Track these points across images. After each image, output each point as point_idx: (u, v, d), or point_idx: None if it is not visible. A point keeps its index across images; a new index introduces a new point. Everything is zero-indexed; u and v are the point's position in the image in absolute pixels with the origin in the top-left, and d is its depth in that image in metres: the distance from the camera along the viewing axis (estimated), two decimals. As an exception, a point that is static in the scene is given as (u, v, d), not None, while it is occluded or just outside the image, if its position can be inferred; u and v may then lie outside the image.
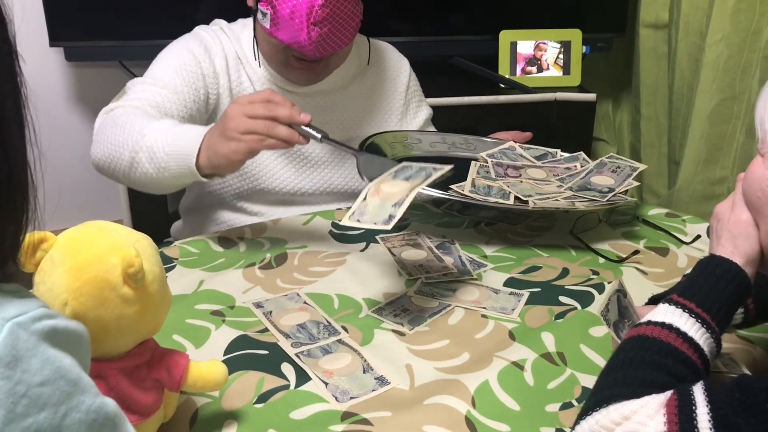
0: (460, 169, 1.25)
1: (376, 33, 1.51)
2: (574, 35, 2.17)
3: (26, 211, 0.52)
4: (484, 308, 1.05)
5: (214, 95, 1.33)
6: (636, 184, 1.26)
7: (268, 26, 1.25)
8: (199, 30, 1.37)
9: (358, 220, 0.97)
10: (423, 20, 2.22)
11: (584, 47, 2.19)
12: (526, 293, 1.08)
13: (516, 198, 1.19)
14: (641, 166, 1.30)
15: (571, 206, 1.18)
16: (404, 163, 1.05)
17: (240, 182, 1.37)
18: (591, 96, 2.14)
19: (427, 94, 1.57)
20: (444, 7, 2.21)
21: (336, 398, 0.85)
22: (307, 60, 1.30)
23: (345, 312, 1.04)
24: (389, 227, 0.94)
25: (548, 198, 1.20)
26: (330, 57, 1.31)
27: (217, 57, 1.33)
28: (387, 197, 0.98)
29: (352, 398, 0.86)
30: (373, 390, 0.87)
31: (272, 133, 1.06)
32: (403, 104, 1.48)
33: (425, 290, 1.09)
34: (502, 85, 2.17)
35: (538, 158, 1.36)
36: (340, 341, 0.96)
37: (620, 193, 1.23)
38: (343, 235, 1.27)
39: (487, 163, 1.31)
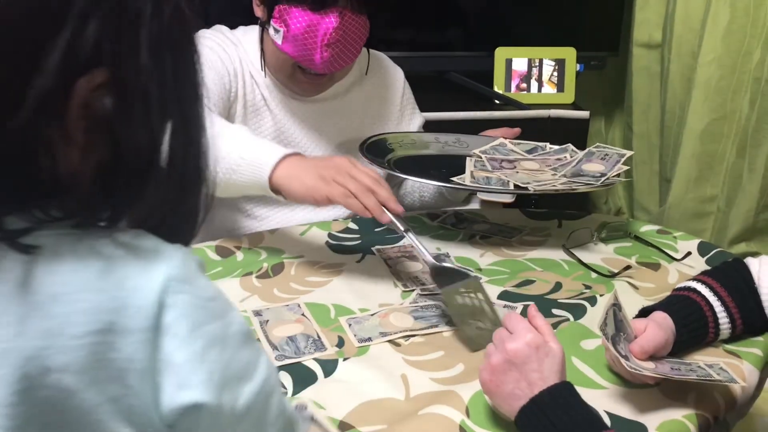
0: (455, 166, 1.29)
1: (374, 46, 1.53)
2: (569, 53, 2.20)
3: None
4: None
5: (233, 93, 1.34)
6: (626, 168, 1.29)
7: (279, 42, 1.27)
8: (207, 33, 1.37)
9: (350, 325, 1.05)
10: (420, 36, 2.25)
11: (578, 65, 2.22)
12: (519, 306, 1.10)
13: (516, 186, 1.22)
14: (628, 153, 1.33)
15: (570, 189, 1.22)
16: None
17: None
18: (584, 113, 2.16)
19: (423, 109, 1.59)
20: (441, 23, 2.24)
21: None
22: (313, 74, 1.32)
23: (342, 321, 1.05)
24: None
25: (546, 184, 1.23)
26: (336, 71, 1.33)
27: (229, 60, 1.34)
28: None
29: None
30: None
31: (361, 197, 1.06)
32: (399, 111, 1.50)
33: (421, 302, 1.11)
34: (497, 101, 2.19)
35: (528, 152, 1.39)
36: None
37: (613, 176, 1.26)
38: (339, 246, 1.28)
39: (481, 158, 1.34)
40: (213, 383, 0.54)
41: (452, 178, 1.25)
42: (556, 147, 1.40)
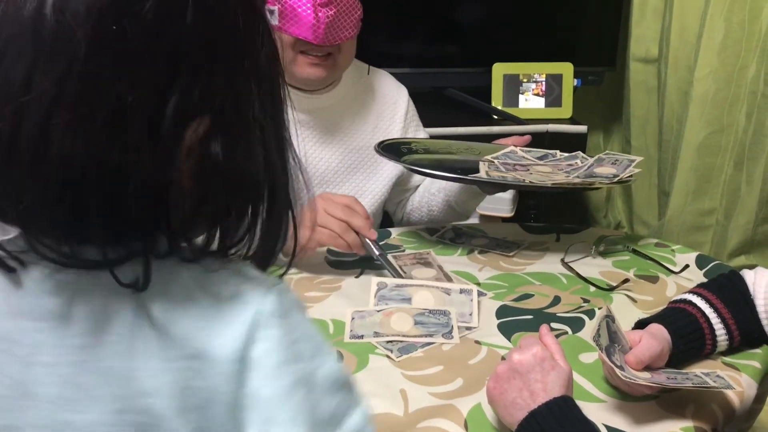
0: (468, 171, 1.30)
1: (373, 62, 1.55)
2: (566, 68, 2.22)
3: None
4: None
5: None
6: (638, 171, 1.30)
7: (276, 23, 1.30)
8: None
9: (353, 318, 1.10)
10: (418, 52, 2.27)
11: (575, 80, 2.24)
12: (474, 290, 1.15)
13: (531, 182, 1.24)
14: (637, 158, 1.34)
15: (589, 184, 1.25)
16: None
17: None
18: (582, 128, 2.17)
19: (423, 124, 1.60)
20: (439, 39, 2.26)
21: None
22: (315, 54, 1.34)
23: (339, 337, 1.06)
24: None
25: (563, 182, 1.26)
26: (337, 54, 1.35)
27: None
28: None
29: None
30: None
31: (344, 235, 1.18)
32: (402, 128, 1.51)
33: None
34: (495, 117, 2.20)
35: (539, 159, 1.40)
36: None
37: (626, 177, 1.28)
38: (338, 262, 1.29)
39: (494, 162, 1.35)
40: (299, 423, 0.53)
41: (471, 176, 1.26)
42: (566, 154, 1.41)
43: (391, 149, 1.37)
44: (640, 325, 0.97)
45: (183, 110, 0.50)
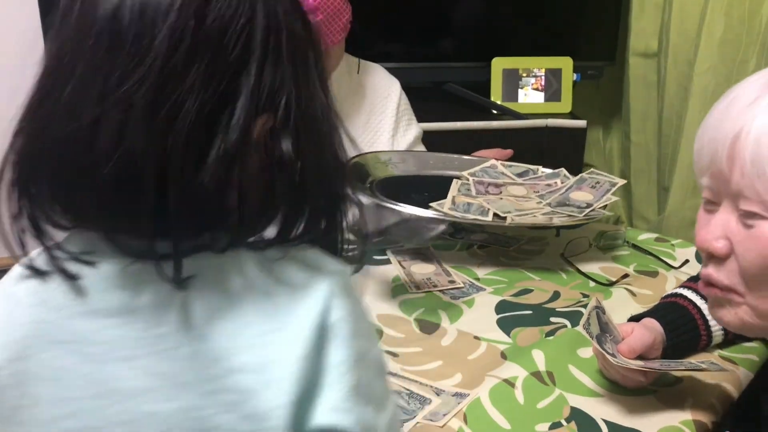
0: (443, 187, 1.29)
1: (371, 58, 1.54)
2: (565, 63, 2.21)
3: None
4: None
5: None
6: (615, 199, 1.27)
7: None
8: None
9: None
10: (417, 47, 2.26)
11: (575, 75, 2.23)
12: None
13: (495, 215, 1.21)
14: (620, 181, 1.31)
15: (549, 222, 1.20)
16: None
17: None
18: (581, 123, 2.17)
19: (421, 120, 1.59)
20: (438, 34, 2.26)
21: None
22: None
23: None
24: None
25: (527, 214, 1.22)
26: (325, 58, 1.34)
27: None
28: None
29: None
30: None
31: None
32: (394, 122, 1.51)
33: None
34: (494, 111, 2.20)
35: (519, 175, 1.38)
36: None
37: (598, 208, 1.25)
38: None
39: (468, 180, 1.34)
40: (360, 396, 0.54)
41: (431, 204, 1.21)
42: (549, 171, 1.38)
43: (358, 171, 1.31)
44: (635, 319, 0.98)
45: (249, 108, 0.52)
